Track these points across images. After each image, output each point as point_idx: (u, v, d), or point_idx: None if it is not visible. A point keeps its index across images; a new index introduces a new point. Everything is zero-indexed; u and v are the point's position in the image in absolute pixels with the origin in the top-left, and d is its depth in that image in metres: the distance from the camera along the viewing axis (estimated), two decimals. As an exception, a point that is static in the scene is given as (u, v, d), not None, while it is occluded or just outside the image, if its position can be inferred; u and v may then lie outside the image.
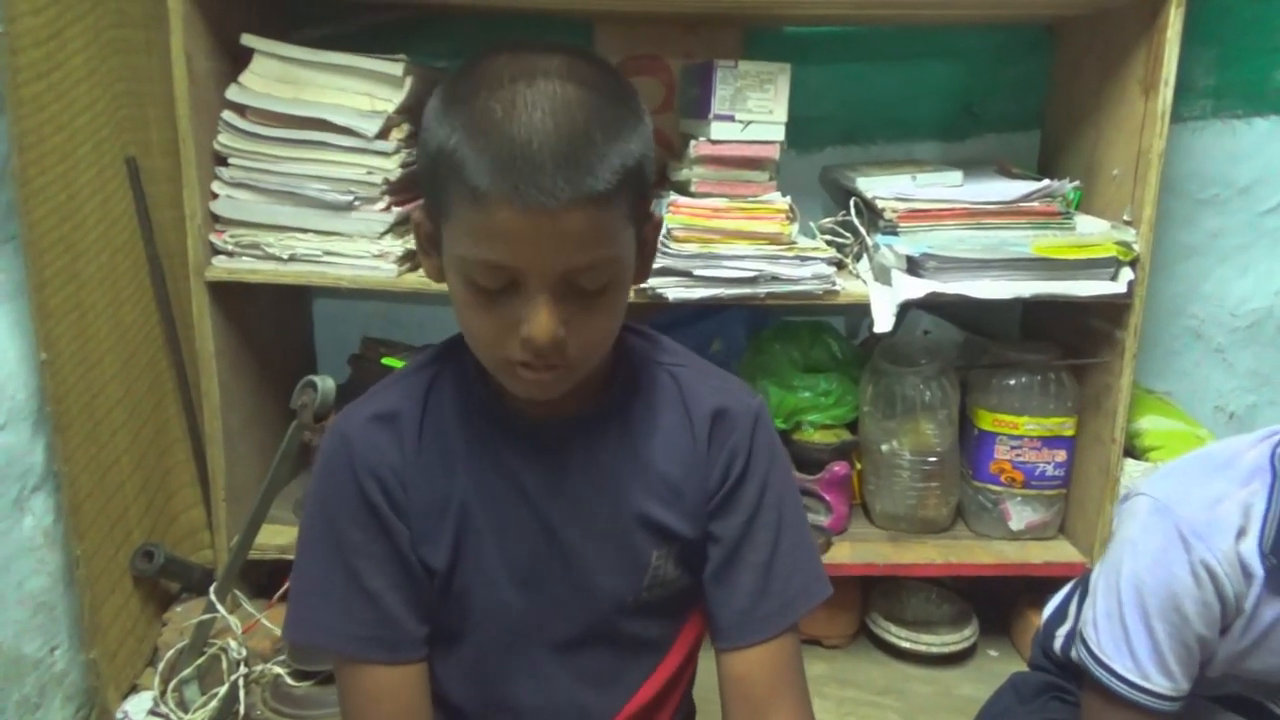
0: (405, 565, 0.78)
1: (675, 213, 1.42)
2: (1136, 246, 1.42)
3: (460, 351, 0.81)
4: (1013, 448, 1.56)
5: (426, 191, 0.72)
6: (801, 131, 1.68)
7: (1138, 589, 0.85)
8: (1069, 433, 1.56)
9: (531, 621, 0.81)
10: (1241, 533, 0.83)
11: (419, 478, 0.78)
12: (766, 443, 0.82)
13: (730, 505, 0.81)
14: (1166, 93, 1.39)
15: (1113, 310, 1.47)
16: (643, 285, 1.38)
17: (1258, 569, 0.84)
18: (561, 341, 0.68)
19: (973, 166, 1.63)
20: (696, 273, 1.40)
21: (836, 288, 1.45)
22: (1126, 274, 1.42)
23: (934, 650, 1.56)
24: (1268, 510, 0.84)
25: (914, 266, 1.41)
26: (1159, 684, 0.85)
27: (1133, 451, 1.56)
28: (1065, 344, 1.60)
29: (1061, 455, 1.56)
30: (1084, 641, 0.90)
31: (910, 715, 1.46)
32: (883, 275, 1.46)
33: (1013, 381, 1.56)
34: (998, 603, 1.66)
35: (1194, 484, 0.87)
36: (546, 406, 0.78)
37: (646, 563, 0.81)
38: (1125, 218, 1.46)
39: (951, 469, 1.60)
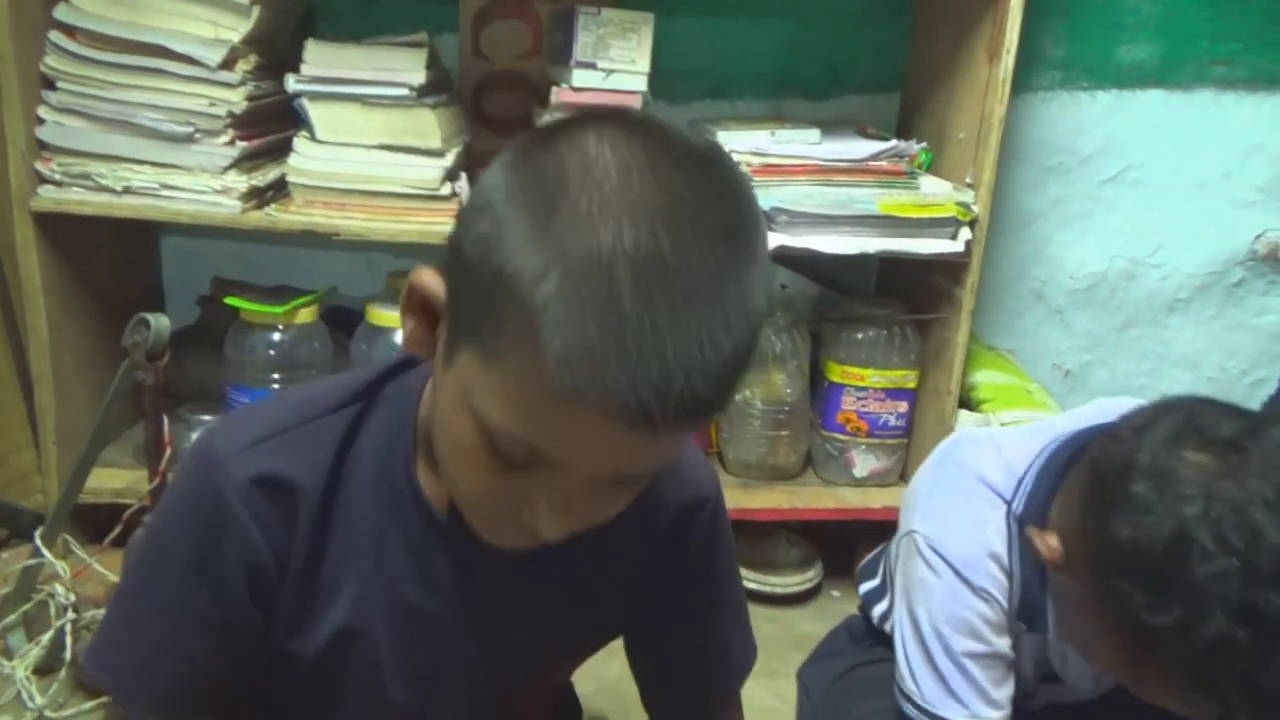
0: (244, 644, 0.67)
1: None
2: (975, 208, 1.49)
3: (398, 402, 0.66)
4: (859, 399, 1.62)
5: (458, 285, 0.54)
6: (672, 84, 1.69)
7: (938, 632, 0.89)
8: (911, 385, 1.63)
9: (417, 711, 0.73)
10: (994, 555, 0.89)
11: (305, 567, 0.65)
12: (725, 528, 0.81)
13: (690, 592, 0.79)
14: (1008, 60, 1.45)
15: (953, 268, 1.54)
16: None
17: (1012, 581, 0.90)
18: (571, 532, 0.58)
19: (834, 126, 1.66)
20: (552, 220, 1.40)
21: (691, 239, 1.47)
22: (965, 234, 1.49)
23: (778, 591, 1.63)
24: (1010, 577, 0.89)
25: (766, 220, 1.44)
26: (988, 715, 0.90)
27: (968, 403, 1.65)
28: (912, 300, 1.66)
29: (903, 406, 1.63)
30: (909, 699, 0.92)
31: (753, 652, 1.53)
32: (737, 228, 1.49)
33: (861, 335, 1.62)
34: (843, 546, 1.74)
35: (954, 517, 0.92)
36: None
37: (589, 651, 0.80)
38: (968, 180, 1.53)
39: (801, 418, 1.66)
